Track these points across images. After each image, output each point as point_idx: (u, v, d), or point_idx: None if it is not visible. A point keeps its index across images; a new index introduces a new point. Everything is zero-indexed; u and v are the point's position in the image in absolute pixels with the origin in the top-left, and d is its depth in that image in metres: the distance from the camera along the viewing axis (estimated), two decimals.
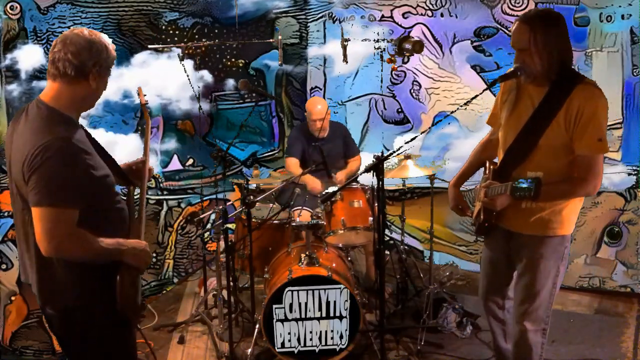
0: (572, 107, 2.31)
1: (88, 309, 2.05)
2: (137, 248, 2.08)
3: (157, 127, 4.68)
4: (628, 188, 4.21)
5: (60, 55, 1.97)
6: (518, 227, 2.54)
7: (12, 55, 4.01)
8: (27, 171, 1.88)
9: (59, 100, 1.99)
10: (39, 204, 1.87)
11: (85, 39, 1.98)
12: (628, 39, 4.09)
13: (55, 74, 2.00)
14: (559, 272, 2.55)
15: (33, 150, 1.86)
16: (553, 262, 2.52)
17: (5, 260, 3.94)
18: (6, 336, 3.88)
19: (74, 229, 1.91)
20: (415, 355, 3.50)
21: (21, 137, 1.96)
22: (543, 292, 2.55)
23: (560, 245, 2.51)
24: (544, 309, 2.58)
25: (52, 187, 1.86)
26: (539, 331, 2.62)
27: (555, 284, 2.56)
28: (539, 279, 2.53)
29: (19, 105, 4.04)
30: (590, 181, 2.34)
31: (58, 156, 1.86)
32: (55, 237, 1.88)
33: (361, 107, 4.98)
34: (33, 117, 1.97)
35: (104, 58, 2.02)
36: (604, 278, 4.30)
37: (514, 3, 4.39)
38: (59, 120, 1.95)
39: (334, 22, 4.89)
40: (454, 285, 4.47)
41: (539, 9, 2.45)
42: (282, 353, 3.35)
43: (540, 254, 2.50)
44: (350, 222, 3.67)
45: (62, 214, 1.88)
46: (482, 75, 4.57)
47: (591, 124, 2.29)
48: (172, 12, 4.56)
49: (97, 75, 2.01)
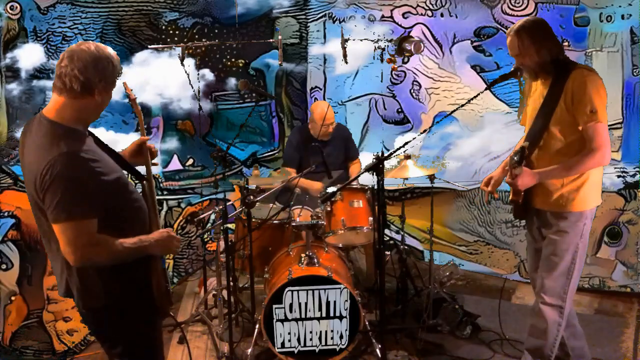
0: (568, 90, 2.63)
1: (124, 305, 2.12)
2: (159, 239, 2.13)
3: (157, 127, 4.69)
4: (628, 188, 4.21)
5: (66, 70, 1.99)
6: (542, 204, 2.79)
7: (12, 54, 4.01)
8: (40, 191, 1.94)
9: (63, 114, 2.02)
10: (57, 221, 1.93)
11: (91, 55, 2.01)
12: (628, 39, 4.09)
13: (61, 88, 2.01)
14: (578, 248, 2.75)
15: (41, 170, 1.91)
16: (571, 237, 2.74)
17: (5, 260, 3.94)
18: (6, 336, 3.88)
19: (95, 237, 1.97)
20: (415, 355, 3.50)
21: (29, 155, 2.01)
22: (561, 265, 2.76)
23: (579, 221, 2.73)
24: (561, 284, 2.77)
25: (66, 202, 1.91)
26: (556, 308, 2.79)
27: (574, 260, 2.76)
28: (558, 252, 2.76)
29: (19, 104, 4.04)
30: (596, 150, 2.58)
31: (66, 171, 1.90)
32: (79, 249, 1.95)
33: (361, 107, 4.98)
34: (37, 133, 2.01)
35: (110, 73, 2.06)
36: (604, 278, 4.30)
37: (514, 3, 4.39)
38: (63, 134, 1.97)
39: (334, 22, 4.89)
40: (454, 285, 4.47)
41: (523, 19, 2.76)
42: (282, 353, 3.35)
43: (559, 228, 2.75)
44: (350, 222, 3.67)
45: (81, 225, 1.94)
46: (482, 75, 4.57)
47: (583, 99, 2.59)
48: (172, 12, 4.56)
49: (103, 90, 2.05)
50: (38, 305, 3.96)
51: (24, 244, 3.99)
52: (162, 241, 2.13)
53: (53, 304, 3.99)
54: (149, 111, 4.59)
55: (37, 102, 4.09)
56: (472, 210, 4.74)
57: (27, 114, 4.05)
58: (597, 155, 2.59)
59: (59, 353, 3.86)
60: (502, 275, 4.60)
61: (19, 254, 3.97)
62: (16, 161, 4.04)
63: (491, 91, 4.42)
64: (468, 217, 4.76)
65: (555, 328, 2.81)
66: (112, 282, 2.08)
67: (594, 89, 2.59)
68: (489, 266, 4.73)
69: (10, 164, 4.02)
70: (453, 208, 4.80)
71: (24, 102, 4.05)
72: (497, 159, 4.56)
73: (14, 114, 4.04)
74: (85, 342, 3.90)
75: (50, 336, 3.91)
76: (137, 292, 2.13)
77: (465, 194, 4.75)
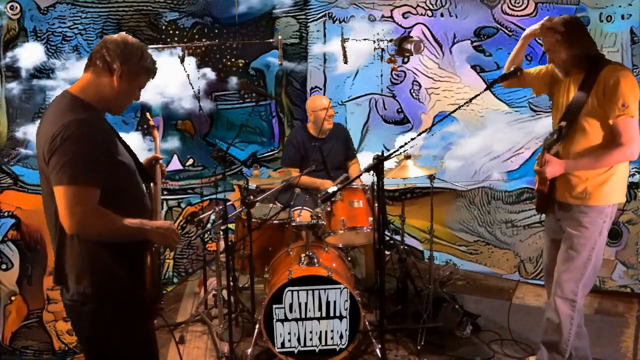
0: (600, 83, 2.64)
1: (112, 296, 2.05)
2: (161, 227, 2.10)
3: (157, 127, 4.68)
4: (628, 188, 4.20)
5: (97, 49, 2.08)
6: (564, 197, 2.79)
7: (13, 53, 4.01)
8: (48, 152, 1.92)
9: (86, 90, 2.07)
10: (59, 183, 1.91)
11: (123, 40, 2.10)
12: (628, 39, 4.09)
13: (88, 64, 2.10)
14: (596, 244, 2.75)
15: (53, 131, 1.91)
16: (591, 233, 2.74)
17: (5, 260, 3.94)
18: (6, 336, 3.88)
19: (96, 207, 1.95)
20: (415, 355, 3.50)
21: (45, 124, 2.02)
22: (578, 260, 2.76)
23: (599, 216, 2.73)
24: (575, 278, 2.77)
25: (72, 165, 1.90)
26: (568, 302, 2.79)
27: (590, 257, 2.76)
28: (575, 246, 2.76)
29: (19, 104, 4.04)
30: (626, 145, 2.59)
31: (77, 135, 1.91)
32: (77, 214, 1.91)
33: (361, 107, 4.98)
34: (57, 105, 2.05)
35: (134, 61, 2.09)
36: (604, 278, 4.30)
37: (514, 3, 4.39)
38: (82, 106, 2.02)
39: (334, 22, 4.89)
40: (454, 285, 4.47)
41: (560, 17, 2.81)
42: (282, 353, 3.35)
43: (580, 222, 2.75)
44: (350, 222, 3.67)
45: (83, 191, 1.92)
46: (482, 75, 4.57)
47: (615, 93, 2.59)
48: (172, 12, 4.56)
49: (122, 75, 2.07)
50: (38, 305, 3.96)
51: (24, 244, 3.99)
52: (163, 230, 2.09)
53: (53, 304, 3.99)
54: (150, 110, 4.59)
55: (37, 101, 4.09)
56: (472, 210, 4.74)
57: (27, 114, 4.05)
58: (627, 150, 2.61)
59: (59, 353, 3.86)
60: (502, 276, 4.61)
61: (19, 254, 3.98)
62: (16, 161, 4.04)
63: (491, 91, 4.42)
64: (468, 217, 4.76)
65: (569, 322, 2.82)
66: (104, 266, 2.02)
67: (627, 84, 2.61)
68: (489, 266, 4.73)
69: (10, 164, 4.02)
70: (453, 208, 4.80)
71: (24, 101, 4.06)
72: (497, 159, 4.56)
73: (14, 114, 4.04)
74: None
75: (50, 336, 3.91)
76: (129, 281, 2.06)
77: (465, 194, 4.75)
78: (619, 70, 2.66)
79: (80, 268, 2.03)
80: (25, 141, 4.06)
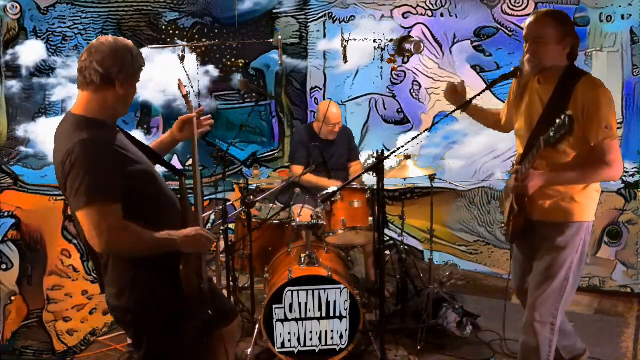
0: (577, 103, 2.45)
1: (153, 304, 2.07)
2: (189, 235, 2.07)
3: (157, 127, 4.69)
4: (628, 188, 4.21)
5: (86, 64, 2.01)
6: (536, 214, 2.62)
7: (13, 50, 4.01)
8: (62, 179, 1.94)
9: (89, 107, 2.04)
10: (78, 208, 1.92)
11: (110, 47, 2.03)
12: (628, 39, 4.09)
13: (83, 82, 2.04)
14: (573, 264, 2.59)
15: (61, 158, 1.92)
16: (567, 252, 2.57)
17: (5, 260, 3.94)
18: (6, 336, 3.88)
19: (120, 222, 1.94)
20: (415, 355, 3.50)
21: (55, 150, 2.03)
22: (554, 282, 2.59)
23: (577, 235, 2.58)
24: (553, 301, 2.60)
25: (85, 187, 1.89)
26: (547, 325, 2.63)
27: (568, 277, 2.59)
28: (552, 266, 2.59)
29: (19, 103, 4.04)
30: (611, 164, 2.46)
31: (82, 157, 1.90)
32: (103, 232, 1.90)
33: (361, 107, 4.98)
34: (62, 128, 2.04)
35: (129, 64, 2.06)
36: (604, 278, 4.30)
37: (514, 3, 4.39)
38: (85, 124, 1.99)
39: (334, 22, 4.89)
40: (454, 285, 4.47)
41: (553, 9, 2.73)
42: (282, 353, 3.35)
43: (555, 242, 2.58)
44: (350, 222, 3.67)
45: (103, 209, 1.91)
46: (482, 75, 4.57)
47: (596, 114, 2.43)
48: (172, 12, 4.56)
49: (124, 82, 2.05)
50: (38, 305, 3.96)
51: (24, 244, 3.99)
52: (192, 238, 2.07)
53: (53, 304, 3.99)
54: (150, 109, 4.59)
55: (37, 100, 4.09)
56: (472, 210, 4.74)
57: (27, 113, 4.05)
58: (612, 170, 2.48)
59: (59, 353, 3.85)
60: (502, 276, 4.60)
61: (19, 254, 3.97)
62: (16, 161, 4.04)
63: (491, 91, 4.41)
64: (468, 217, 4.76)
65: (547, 345, 2.66)
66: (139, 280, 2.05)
67: (607, 104, 2.46)
68: (489, 266, 4.73)
69: (10, 164, 4.02)
70: (453, 208, 4.81)
71: (24, 100, 4.05)
72: (497, 158, 4.57)
73: (14, 113, 4.04)
74: (85, 342, 3.90)
75: (50, 336, 3.90)
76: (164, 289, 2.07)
77: (465, 194, 4.75)
78: (597, 87, 2.48)
79: (116, 284, 2.06)
80: (26, 140, 4.06)
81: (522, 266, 2.83)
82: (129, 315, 2.10)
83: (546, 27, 2.50)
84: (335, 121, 4.32)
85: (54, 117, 4.15)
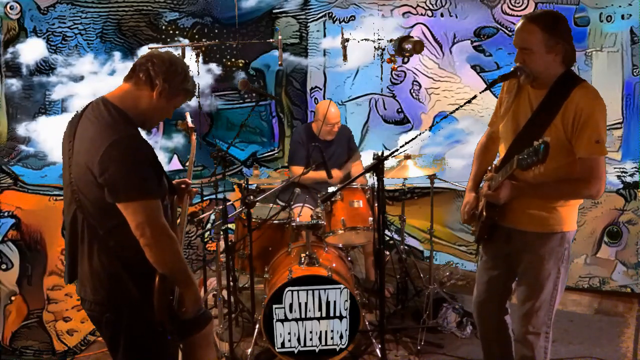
0: (569, 110, 2.32)
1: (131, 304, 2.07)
2: (198, 294, 2.13)
3: (157, 127, 4.68)
4: (628, 188, 4.21)
5: (142, 61, 2.09)
6: (517, 223, 2.51)
7: (13, 49, 4.01)
8: (101, 169, 1.91)
9: (123, 98, 2.07)
10: (129, 199, 1.92)
11: (169, 58, 2.10)
12: (628, 39, 4.09)
13: (129, 75, 2.10)
14: (559, 273, 2.51)
15: (104, 149, 1.90)
16: (553, 263, 2.49)
17: (5, 260, 3.94)
18: (6, 336, 3.88)
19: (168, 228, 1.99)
20: (415, 355, 3.50)
21: (86, 137, 2.00)
22: (543, 293, 2.52)
23: (560, 245, 2.48)
24: (545, 311, 2.54)
25: (136, 181, 1.92)
26: (541, 335, 2.58)
27: (556, 286, 2.52)
28: (539, 279, 2.50)
29: (19, 101, 4.03)
30: (593, 183, 2.33)
31: (132, 151, 1.93)
32: (157, 227, 1.95)
33: (361, 107, 4.98)
34: (100, 115, 2.01)
35: (177, 81, 2.09)
36: (604, 278, 4.30)
37: (514, 3, 4.39)
38: (127, 120, 2.02)
39: (334, 22, 4.89)
40: (454, 285, 4.47)
41: (545, 10, 2.43)
42: (282, 353, 3.35)
43: (539, 254, 2.48)
44: (350, 222, 3.67)
45: (153, 204, 1.96)
46: (482, 75, 4.57)
47: (589, 127, 2.30)
48: (172, 12, 4.56)
49: (163, 91, 2.06)
50: (38, 305, 3.96)
51: (24, 244, 3.99)
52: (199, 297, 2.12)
53: (53, 304, 3.99)
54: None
55: (37, 99, 4.09)
56: None
57: (27, 112, 4.05)
58: (593, 189, 2.34)
59: (59, 353, 3.86)
60: None
61: (19, 254, 3.98)
62: (16, 161, 4.04)
63: (491, 91, 4.41)
64: None
65: (542, 352, 2.62)
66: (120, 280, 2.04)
67: (602, 116, 2.32)
68: None
69: (11, 164, 4.02)
70: (453, 208, 4.80)
71: (24, 98, 4.05)
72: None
73: (14, 112, 4.04)
74: (85, 342, 3.90)
75: (50, 336, 3.91)
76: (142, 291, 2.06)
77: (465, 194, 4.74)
78: (593, 98, 2.32)
79: (97, 278, 2.04)
80: (26, 139, 4.06)
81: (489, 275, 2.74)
82: (107, 313, 2.07)
83: (532, 36, 2.32)
84: (334, 121, 4.32)
85: (54, 116, 4.15)
